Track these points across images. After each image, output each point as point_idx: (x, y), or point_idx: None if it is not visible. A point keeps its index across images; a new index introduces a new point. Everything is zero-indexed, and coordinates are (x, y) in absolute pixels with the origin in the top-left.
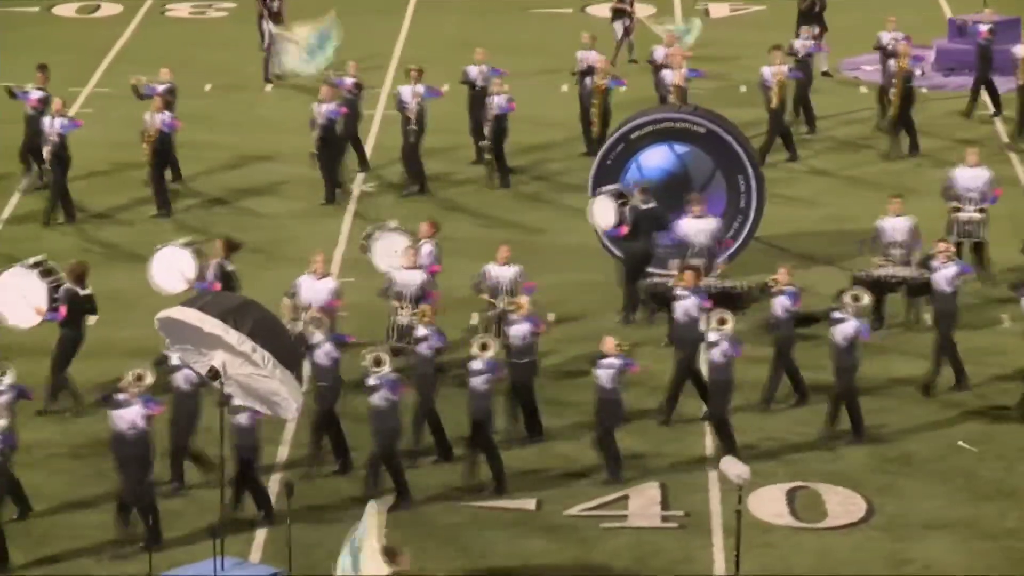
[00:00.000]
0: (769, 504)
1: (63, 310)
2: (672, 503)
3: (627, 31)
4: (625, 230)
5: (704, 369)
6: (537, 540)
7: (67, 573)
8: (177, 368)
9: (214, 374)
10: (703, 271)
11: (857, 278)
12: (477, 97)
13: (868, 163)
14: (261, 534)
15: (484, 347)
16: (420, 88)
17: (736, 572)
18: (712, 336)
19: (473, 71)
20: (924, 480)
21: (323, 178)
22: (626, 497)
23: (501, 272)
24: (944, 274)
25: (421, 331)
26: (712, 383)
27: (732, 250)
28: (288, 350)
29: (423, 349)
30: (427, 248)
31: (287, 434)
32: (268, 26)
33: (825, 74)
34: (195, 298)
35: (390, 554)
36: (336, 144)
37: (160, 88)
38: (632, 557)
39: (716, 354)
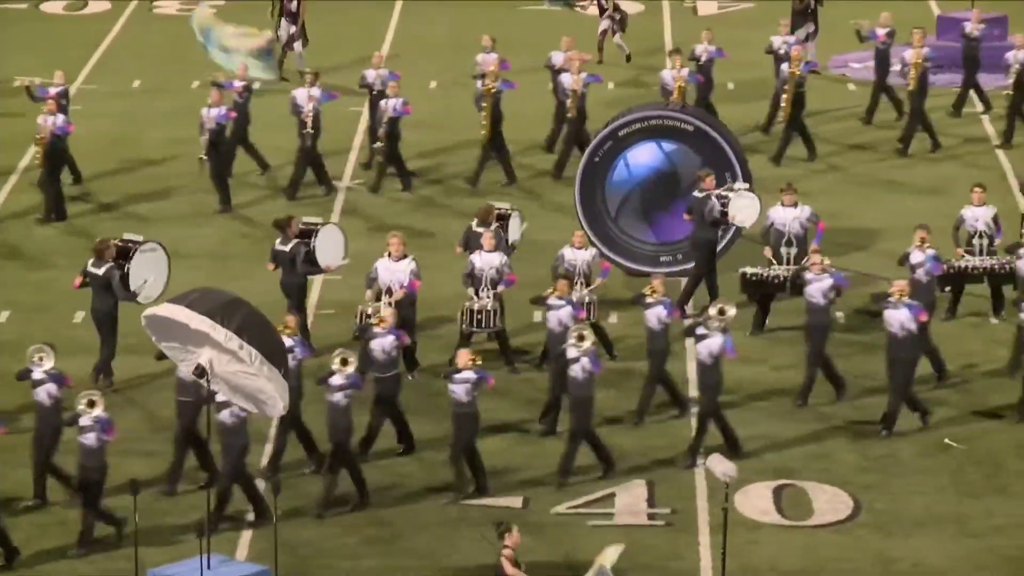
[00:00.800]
0: (756, 502)
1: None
2: (659, 501)
3: (612, 29)
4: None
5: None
6: (524, 538)
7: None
8: (40, 383)
9: (200, 372)
10: (794, 259)
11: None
12: (375, 100)
13: (857, 161)
14: (247, 532)
15: (344, 362)
16: (316, 91)
17: (723, 570)
18: (572, 352)
19: (371, 74)
20: (911, 478)
21: (214, 184)
22: (613, 495)
23: (577, 255)
24: (819, 286)
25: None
26: (574, 400)
27: (721, 247)
28: (275, 347)
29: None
30: (410, 264)
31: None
32: (286, 27)
33: (813, 71)
34: (182, 295)
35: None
36: (226, 148)
37: (53, 91)
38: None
39: (576, 370)
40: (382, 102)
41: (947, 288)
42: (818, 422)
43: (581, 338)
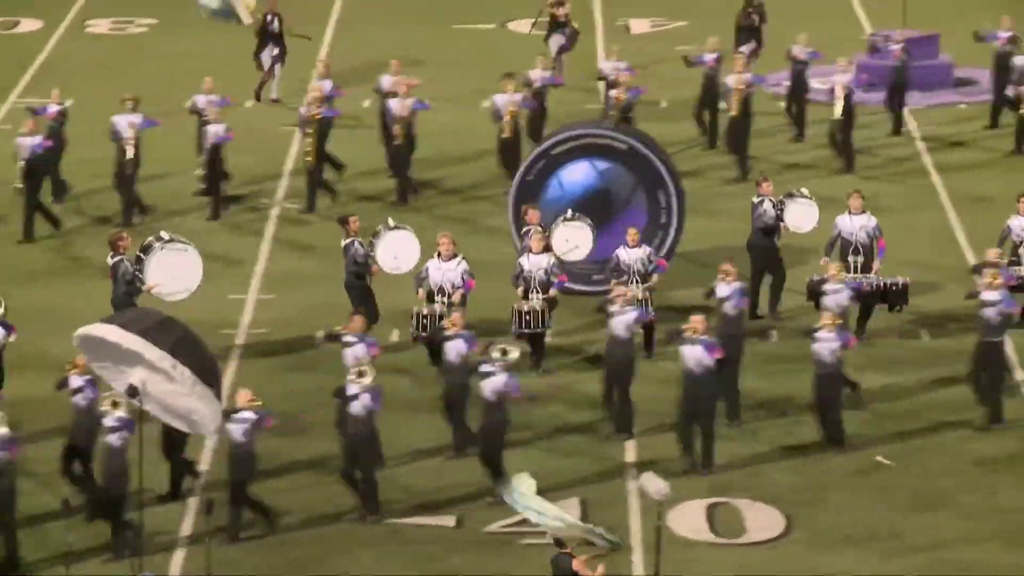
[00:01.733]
0: (689, 520)
1: None
2: (592, 518)
3: (564, 46)
4: None
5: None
6: (458, 557)
7: None
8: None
9: (132, 391)
10: (859, 267)
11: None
12: (203, 126)
13: (794, 179)
14: (180, 552)
15: (115, 404)
16: (136, 118)
17: None
18: (352, 389)
19: (201, 100)
20: (843, 494)
21: (25, 212)
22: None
23: (631, 254)
24: (623, 320)
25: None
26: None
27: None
28: (208, 367)
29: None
30: (461, 264)
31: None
32: (270, 51)
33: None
34: (115, 315)
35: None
36: (40, 176)
37: (52, 110)
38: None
39: (356, 407)
40: (204, 128)
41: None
42: (751, 440)
43: (361, 374)
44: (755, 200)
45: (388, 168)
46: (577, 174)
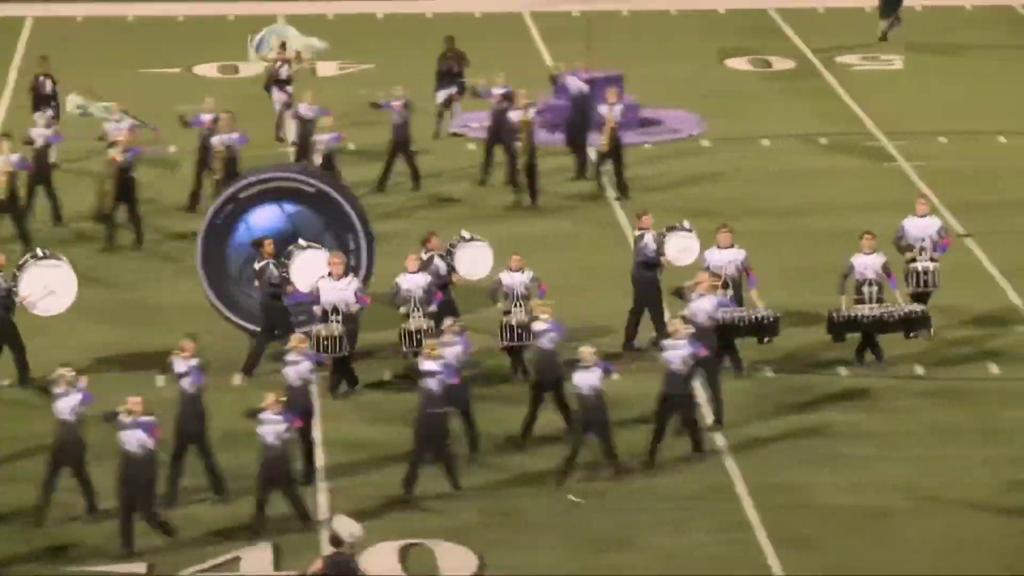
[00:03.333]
0: (382, 561)
1: None
2: (285, 563)
3: (450, 100)
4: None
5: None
6: None
7: None
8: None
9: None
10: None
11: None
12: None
13: (473, 219)
14: None
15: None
16: (14, 158)
17: None
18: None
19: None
20: (536, 533)
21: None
22: (238, 559)
23: (514, 278)
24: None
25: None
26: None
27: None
28: None
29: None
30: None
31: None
32: (278, 94)
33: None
34: None
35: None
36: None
37: (206, 118)
38: None
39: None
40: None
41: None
42: (444, 480)
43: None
44: (636, 234)
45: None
46: (265, 217)
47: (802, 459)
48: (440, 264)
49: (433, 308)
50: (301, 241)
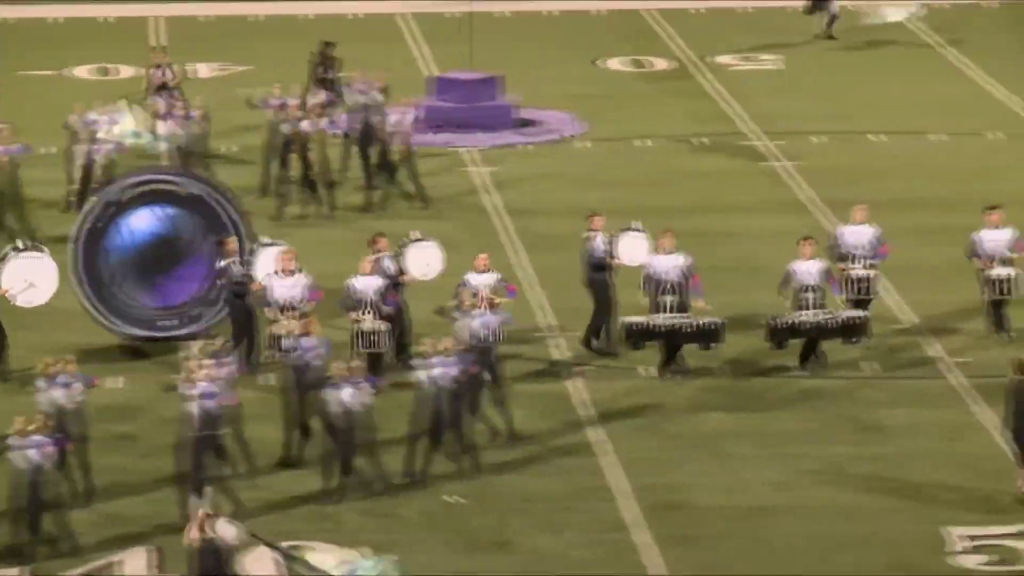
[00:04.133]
0: (261, 564)
1: None
2: (170, 567)
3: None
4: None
5: None
6: None
7: None
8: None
9: None
10: (673, 307)
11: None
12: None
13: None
14: None
15: None
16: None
17: None
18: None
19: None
20: (416, 534)
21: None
22: (121, 562)
23: (480, 279)
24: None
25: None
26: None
27: (217, 311)
28: None
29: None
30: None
31: None
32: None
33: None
34: None
35: None
36: None
37: (274, 102)
38: None
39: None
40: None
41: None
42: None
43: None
44: (584, 235)
45: None
46: (143, 220)
47: (681, 459)
48: (390, 264)
49: (389, 309)
50: (263, 238)
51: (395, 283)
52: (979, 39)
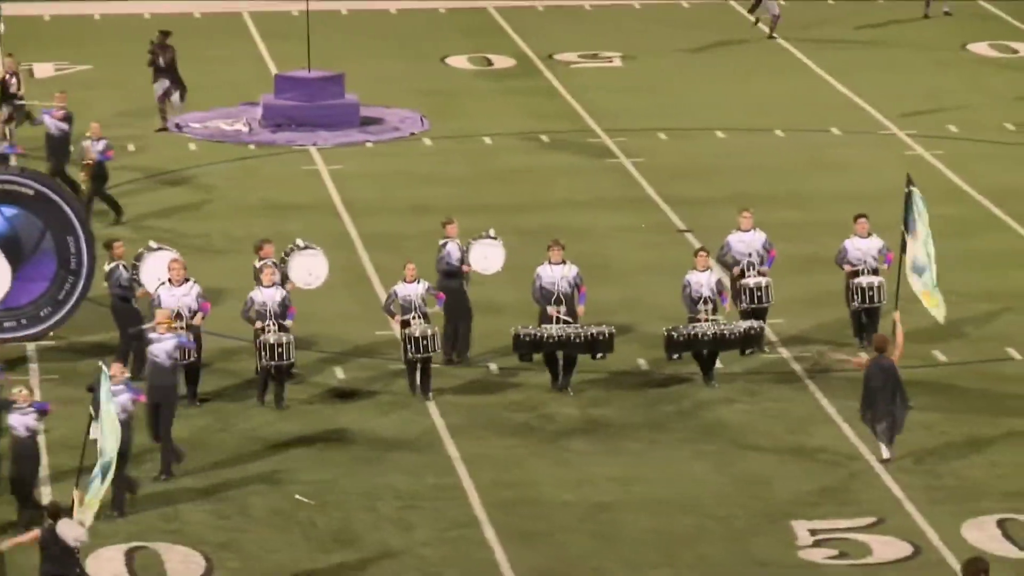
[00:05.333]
0: (108, 565)
1: None
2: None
3: (167, 93)
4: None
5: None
6: None
7: None
8: None
9: None
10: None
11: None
12: None
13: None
14: None
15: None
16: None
17: None
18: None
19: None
20: (263, 534)
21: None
22: None
23: (409, 289)
24: (163, 347)
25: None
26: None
27: (67, 311)
28: None
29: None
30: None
31: None
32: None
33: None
34: None
35: None
36: None
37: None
38: None
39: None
40: None
41: (679, 356)
42: (170, 482)
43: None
44: (441, 242)
45: None
46: None
47: (528, 456)
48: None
49: (290, 321)
50: (152, 243)
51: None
52: (819, 33)
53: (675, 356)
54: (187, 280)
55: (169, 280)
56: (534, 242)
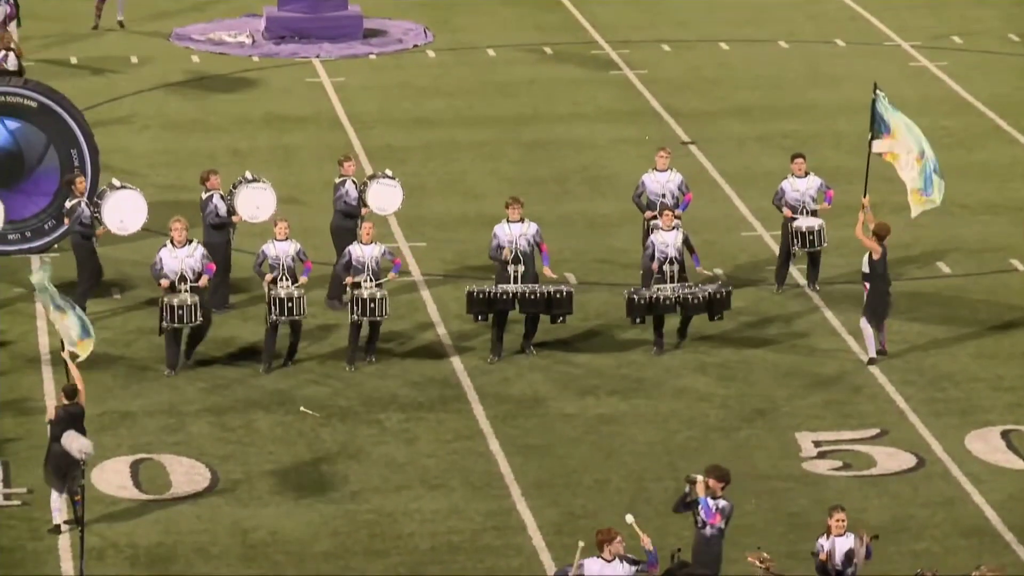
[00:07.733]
0: (113, 477)
1: None
2: (15, 481)
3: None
4: None
5: None
6: None
7: None
8: None
9: None
10: (520, 277)
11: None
12: None
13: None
14: None
15: None
16: None
17: (81, 547)
18: None
19: None
20: (267, 447)
21: None
22: None
23: (365, 251)
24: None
25: None
26: None
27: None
28: None
29: None
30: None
31: None
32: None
33: None
34: None
35: None
36: None
37: None
38: None
39: None
40: None
41: (641, 320)
42: (172, 393)
43: None
44: (336, 180)
45: None
46: None
47: (529, 369)
48: (220, 204)
49: (304, 278)
50: (115, 181)
51: (223, 224)
52: None
53: (637, 320)
54: (190, 241)
55: (171, 241)
56: (537, 154)
